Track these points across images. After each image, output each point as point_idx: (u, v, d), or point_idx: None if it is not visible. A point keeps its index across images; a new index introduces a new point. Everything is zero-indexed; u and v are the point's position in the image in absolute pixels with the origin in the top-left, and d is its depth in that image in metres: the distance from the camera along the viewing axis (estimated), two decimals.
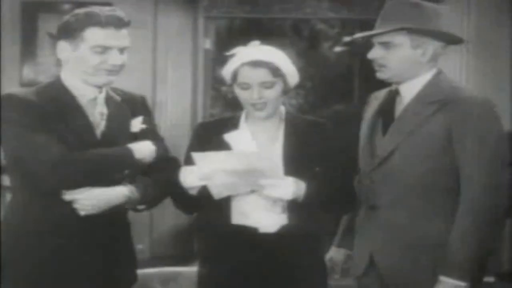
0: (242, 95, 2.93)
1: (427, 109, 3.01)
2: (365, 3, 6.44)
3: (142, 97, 3.06)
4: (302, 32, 8.81)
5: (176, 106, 6.29)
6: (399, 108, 3.09)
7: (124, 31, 2.83)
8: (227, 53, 2.96)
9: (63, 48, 2.84)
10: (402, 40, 3.04)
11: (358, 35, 3.18)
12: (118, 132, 2.87)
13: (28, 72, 6.23)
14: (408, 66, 3.05)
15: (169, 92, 6.26)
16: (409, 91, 3.08)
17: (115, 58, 2.80)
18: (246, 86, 2.91)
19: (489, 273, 3.23)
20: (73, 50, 2.82)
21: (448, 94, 3.04)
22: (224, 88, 3.09)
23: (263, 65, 2.88)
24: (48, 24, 6.22)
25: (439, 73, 3.11)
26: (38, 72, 6.23)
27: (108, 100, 2.90)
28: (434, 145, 2.98)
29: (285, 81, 2.94)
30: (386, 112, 3.11)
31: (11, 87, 6.06)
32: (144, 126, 2.94)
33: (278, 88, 2.92)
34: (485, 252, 2.96)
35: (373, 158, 3.07)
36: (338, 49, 8.79)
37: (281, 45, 3.03)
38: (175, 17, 6.27)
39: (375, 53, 3.08)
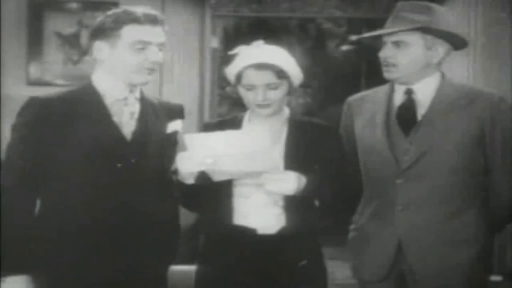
0: (246, 96, 2.93)
1: (457, 106, 3.05)
2: (372, 1, 6.43)
3: (181, 105, 3.08)
4: (309, 30, 8.79)
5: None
6: (420, 109, 3.09)
7: (159, 28, 2.87)
8: (230, 52, 2.96)
9: (100, 48, 2.85)
10: (415, 40, 3.05)
11: (372, 33, 3.19)
12: (151, 132, 2.88)
13: (34, 71, 6.24)
14: (419, 66, 3.07)
15: (176, 91, 6.25)
16: (424, 91, 3.09)
17: (154, 55, 2.83)
18: (251, 87, 2.91)
19: (496, 272, 3.25)
20: (110, 49, 2.84)
21: (469, 90, 3.10)
22: (228, 89, 3.05)
23: (267, 67, 2.89)
24: (54, 23, 6.23)
25: (444, 75, 3.14)
26: (44, 71, 6.23)
27: (143, 101, 2.93)
28: (467, 141, 3.04)
29: (290, 82, 2.93)
30: (405, 113, 3.11)
31: (17, 86, 6.12)
32: (179, 129, 2.96)
33: (283, 89, 2.92)
34: None
35: (397, 161, 3.06)
36: (345, 48, 8.79)
37: (288, 44, 3.04)
38: (182, 16, 6.26)
39: (387, 52, 3.08)
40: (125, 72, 2.84)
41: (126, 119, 2.87)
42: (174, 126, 2.94)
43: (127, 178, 2.82)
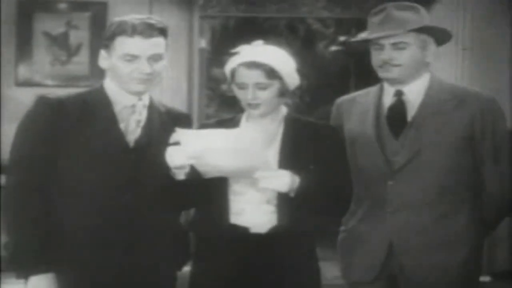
0: (238, 94, 2.96)
1: (447, 106, 3.06)
2: (360, 2, 6.44)
3: (188, 115, 3.13)
4: (297, 31, 8.82)
5: (171, 106, 6.27)
6: (410, 110, 3.09)
7: (155, 39, 2.88)
8: (231, 51, 2.97)
9: (102, 56, 2.90)
10: (411, 40, 3.06)
11: (373, 35, 3.15)
12: (154, 141, 2.89)
13: (23, 72, 6.23)
14: (417, 66, 3.08)
15: (164, 91, 6.24)
16: (414, 92, 3.09)
17: (143, 67, 2.84)
18: (242, 86, 2.93)
19: (485, 272, 3.26)
20: (108, 59, 2.88)
21: (458, 91, 3.12)
22: (223, 87, 3.05)
23: (258, 66, 2.90)
24: (43, 24, 6.22)
25: (433, 75, 3.14)
26: (33, 72, 6.22)
27: (151, 109, 2.95)
28: (458, 142, 3.04)
29: (282, 83, 2.94)
30: (395, 115, 3.11)
31: (7, 87, 6.10)
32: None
33: (273, 89, 2.93)
34: None
35: (388, 162, 3.07)
36: (333, 48, 8.81)
37: (276, 45, 3.03)
38: (170, 17, 6.25)
39: (388, 55, 3.07)
40: (121, 81, 2.87)
41: (132, 127, 2.90)
42: (180, 135, 2.92)
43: (129, 184, 2.84)
